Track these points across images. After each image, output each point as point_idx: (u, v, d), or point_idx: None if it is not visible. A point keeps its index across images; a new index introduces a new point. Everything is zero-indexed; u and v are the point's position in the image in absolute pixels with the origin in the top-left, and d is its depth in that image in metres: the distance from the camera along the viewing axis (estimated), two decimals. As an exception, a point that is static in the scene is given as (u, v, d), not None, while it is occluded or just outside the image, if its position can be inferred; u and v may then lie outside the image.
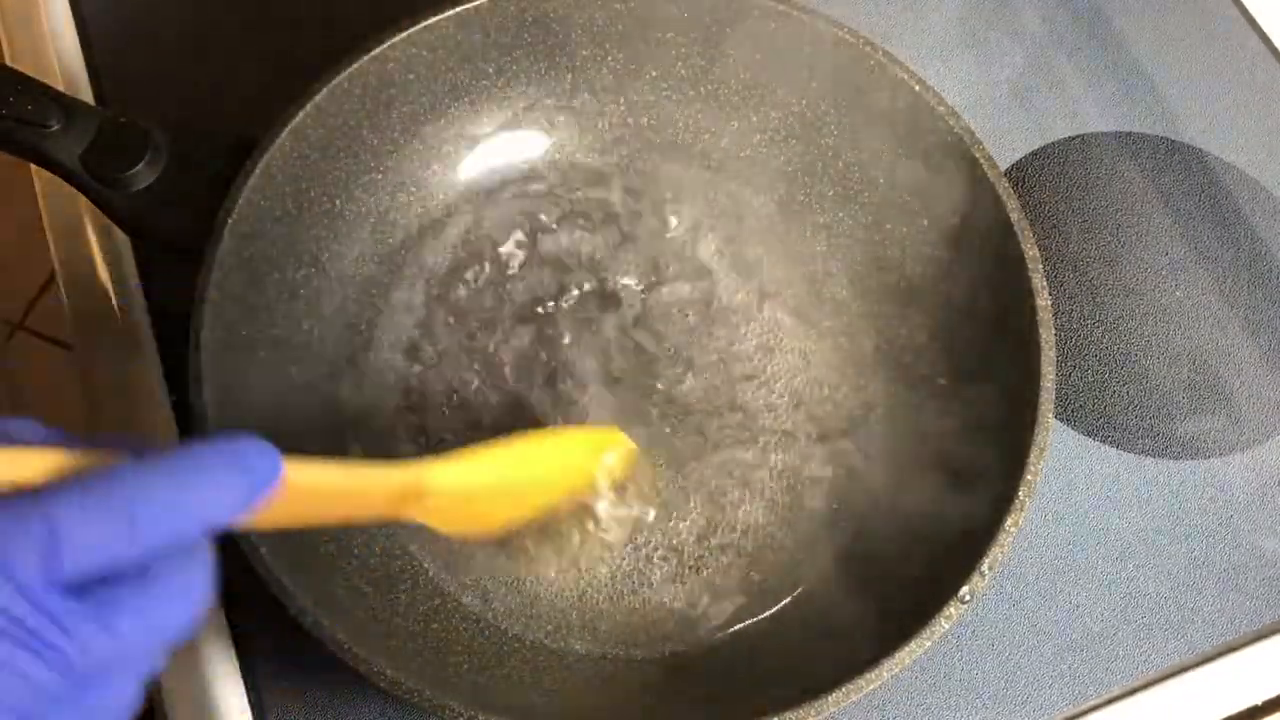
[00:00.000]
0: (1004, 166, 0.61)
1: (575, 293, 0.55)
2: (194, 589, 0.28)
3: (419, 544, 0.49)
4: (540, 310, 0.54)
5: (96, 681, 0.26)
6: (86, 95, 0.59)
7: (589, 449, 0.47)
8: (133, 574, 0.27)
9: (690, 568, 0.50)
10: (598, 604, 0.49)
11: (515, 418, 0.52)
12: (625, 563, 0.49)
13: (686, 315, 0.55)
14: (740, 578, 0.50)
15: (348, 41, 0.51)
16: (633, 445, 0.47)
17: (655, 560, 0.50)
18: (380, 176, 0.54)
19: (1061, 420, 0.56)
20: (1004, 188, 0.50)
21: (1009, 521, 0.43)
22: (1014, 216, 0.49)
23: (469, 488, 0.40)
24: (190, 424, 0.43)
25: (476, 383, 0.52)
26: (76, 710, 0.26)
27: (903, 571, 0.47)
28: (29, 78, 0.48)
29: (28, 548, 0.25)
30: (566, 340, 0.53)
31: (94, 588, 0.26)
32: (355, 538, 0.48)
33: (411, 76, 0.53)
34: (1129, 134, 0.64)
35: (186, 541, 0.27)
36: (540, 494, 0.45)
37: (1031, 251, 0.49)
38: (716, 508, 0.51)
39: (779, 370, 0.54)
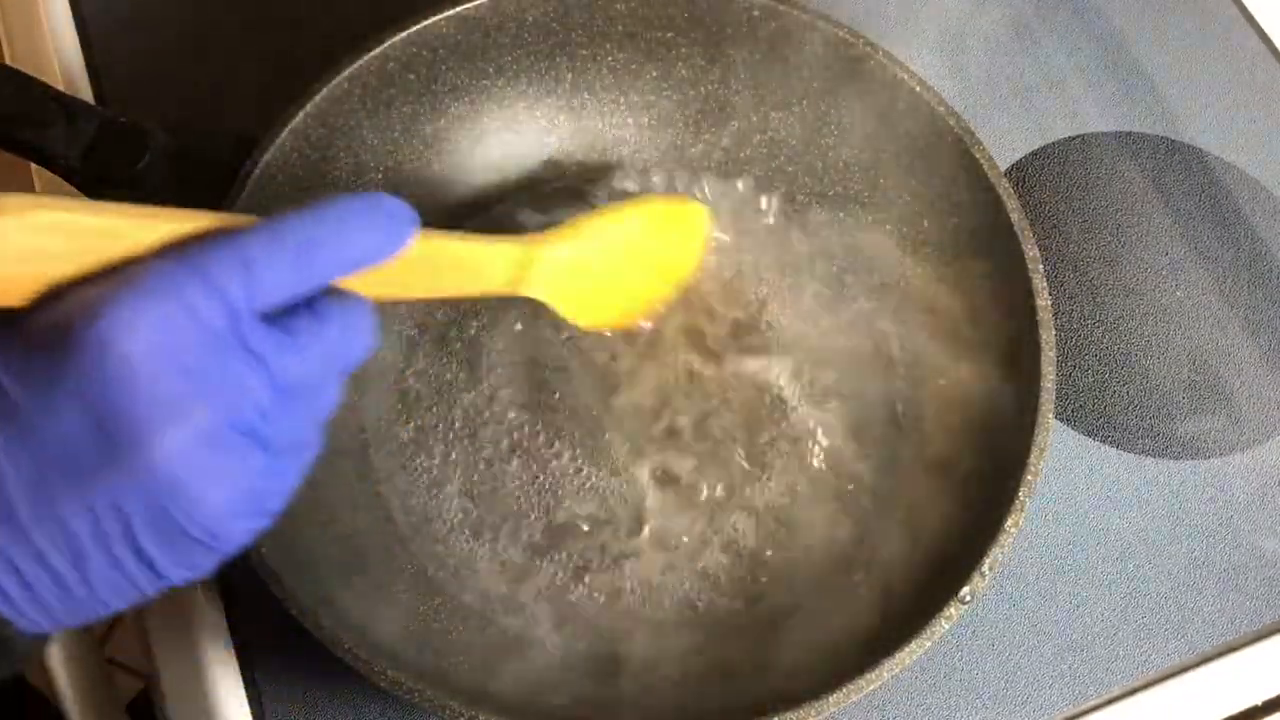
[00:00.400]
0: (1004, 166, 0.61)
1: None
2: (357, 321, 0.31)
3: (419, 543, 0.49)
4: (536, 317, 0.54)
5: (288, 403, 0.30)
6: (86, 95, 0.60)
7: (676, 219, 0.48)
8: (306, 308, 0.30)
9: (690, 566, 0.50)
10: (598, 604, 0.49)
11: (516, 417, 0.52)
12: (625, 562, 0.49)
13: (685, 314, 0.55)
14: (741, 577, 0.50)
15: (348, 41, 0.51)
16: (707, 216, 0.49)
17: (655, 559, 0.50)
18: (380, 176, 0.54)
19: (1061, 420, 0.56)
20: (1004, 188, 0.50)
21: (1009, 521, 0.43)
22: (1014, 216, 0.49)
23: (583, 260, 0.41)
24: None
25: (474, 393, 0.52)
26: (283, 415, 0.29)
27: (903, 571, 0.47)
28: (29, 78, 0.48)
29: (233, 279, 0.28)
30: (565, 335, 0.53)
31: (278, 319, 0.29)
32: (356, 537, 0.48)
33: (411, 76, 0.53)
34: (1129, 134, 0.64)
35: (345, 275, 0.31)
36: (656, 274, 0.47)
37: (1031, 251, 0.49)
38: (718, 507, 0.51)
39: (776, 367, 0.54)
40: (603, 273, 0.43)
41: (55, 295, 0.28)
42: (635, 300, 0.48)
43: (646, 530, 0.50)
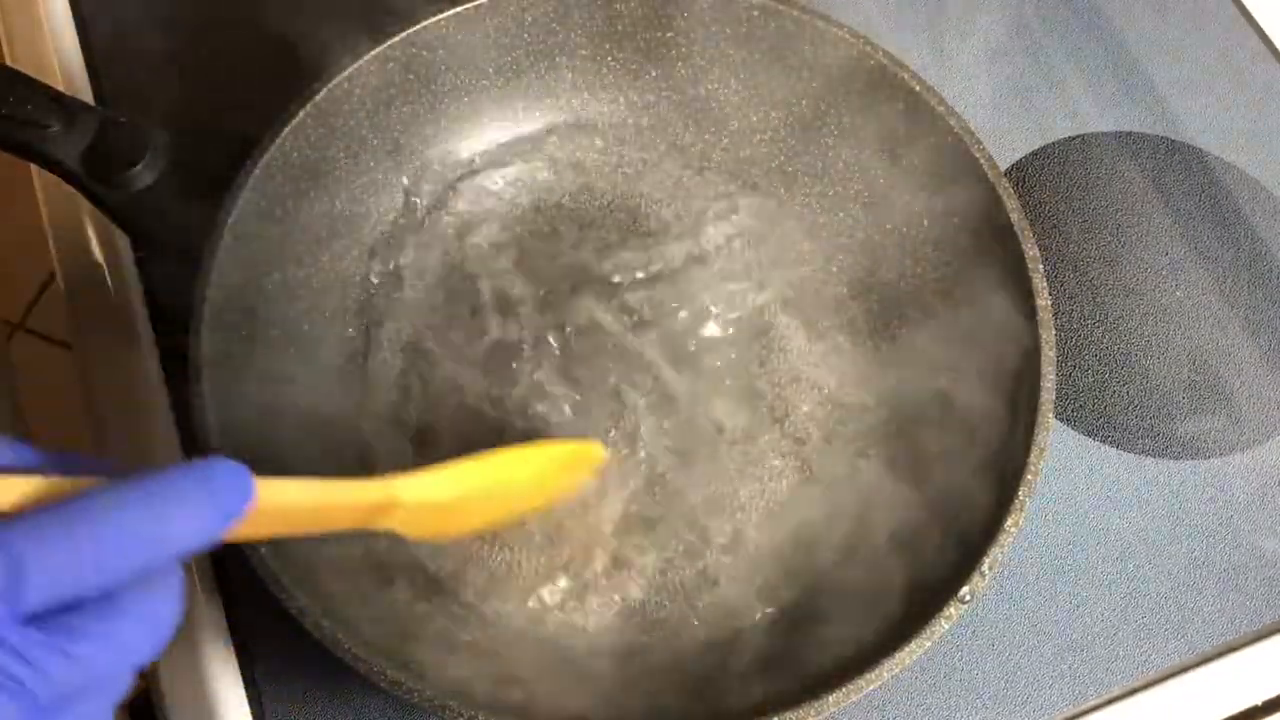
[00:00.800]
0: (1004, 166, 0.61)
1: (578, 290, 0.55)
2: (160, 613, 0.28)
3: (419, 544, 0.49)
4: (540, 310, 0.54)
5: (64, 710, 0.26)
6: (86, 95, 0.60)
7: (566, 462, 0.47)
8: (97, 600, 0.26)
9: (690, 566, 0.50)
10: (598, 604, 0.49)
11: (517, 415, 0.52)
12: (625, 562, 0.49)
13: (684, 313, 0.55)
14: (740, 576, 0.50)
15: (348, 42, 0.51)
16: (604, 454, 0.48)
17: (655, 558, 0.50)
18: (380, 176, 0.54)
19: (1061, 420, 0.56)
20: (1004, 188, 0.50)
21: (1009, 521, 0.43)
22: (1014, 216, 0.49)
23: (441, 500, 0.40)
24: (190, 423, 0.43)
25: (477, 382, 0.52)
26: None
27: (903, 571, 0.47)
28: (29, 78, 0.48)
29: None
30: (566, 335, 0.53)
31: (57, 615, 0.26)
32: (356, 537, 0.48)
33: (411, 76, 0.53)
34: (1129, 134, 0.64)
35: (155, 568, 0.27)
36: (515, 503, 0.45)
37: (1031, 251, 0.49)
38: (716, 508, 0.51)
39: (778, 369, 0.54)
40: (464, 507, 0.41)
41: None
42: (490, 520, 0.46)
43: (647, 530, 0.50)
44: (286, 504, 0.32)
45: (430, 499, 0.39)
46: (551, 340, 0.53)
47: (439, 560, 0.49)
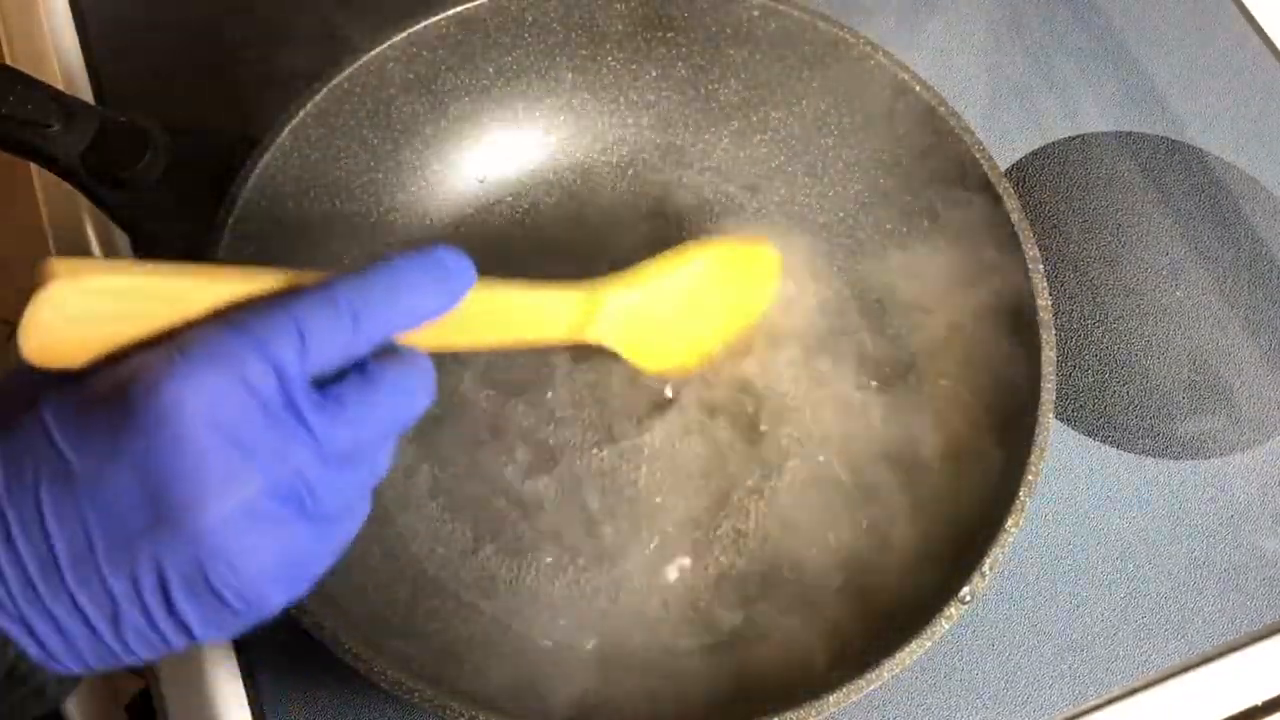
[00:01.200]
0: (1004, 166, 0.61)
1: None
2: (412, 383, 0.31)
3: (419, 544, 0.49)
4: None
5: (343, 463, 0.30)
6: (86, 95, 0.60)
7: (749, 264, 0.46)
8: (358, 373, 0.30)
9: (693, 565, 0.50)
10: (599, 603, 0.49)
11: (516, 413, 0.52)
12: (625, 563, 0.49)
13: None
14: (742, 576, 0.50)
15: (348, 42, 0.51)
16: (778, 258, 0.48)
17: (657, 557, 0.50)
18: (380, 176, 0.54)
19: (1061, 420, 0.56)
20: (1004, 188, 0.50)
21: (1009, 521, 0.43)
22: (1014, 216, 0.49)
23: (640, 301, 0.40)
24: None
25: (478, 384, 0.52)
26: (331, 485, 0.30)
27: (903, 572, 0.47)
28: (29, 78, 0.48)
29: (287, 347, 0.28)
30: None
31: (329, 385, 0.30)
32: (356, 538, 0.48)
33: (411, 76, 0.53)
34: (1129, 134, 0.64)
35: (395, 337, 0.31)
36: (715, 320, 0.45)
37: (1031, 251, 0.49)
38: (720, 506, 0.51)
39: (779, 369, 0.54)
40: (668, 317, 0.42)
41: (111, 359, 0.28)
42: (698, 342, 0.46)
43: (646, 531, 0.50)
44: (499, 298, 0.35)
45: (630, 300, 0.40)
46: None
47: (439, 561, 0.49)
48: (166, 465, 0.27)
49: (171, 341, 0.28)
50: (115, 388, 0.27)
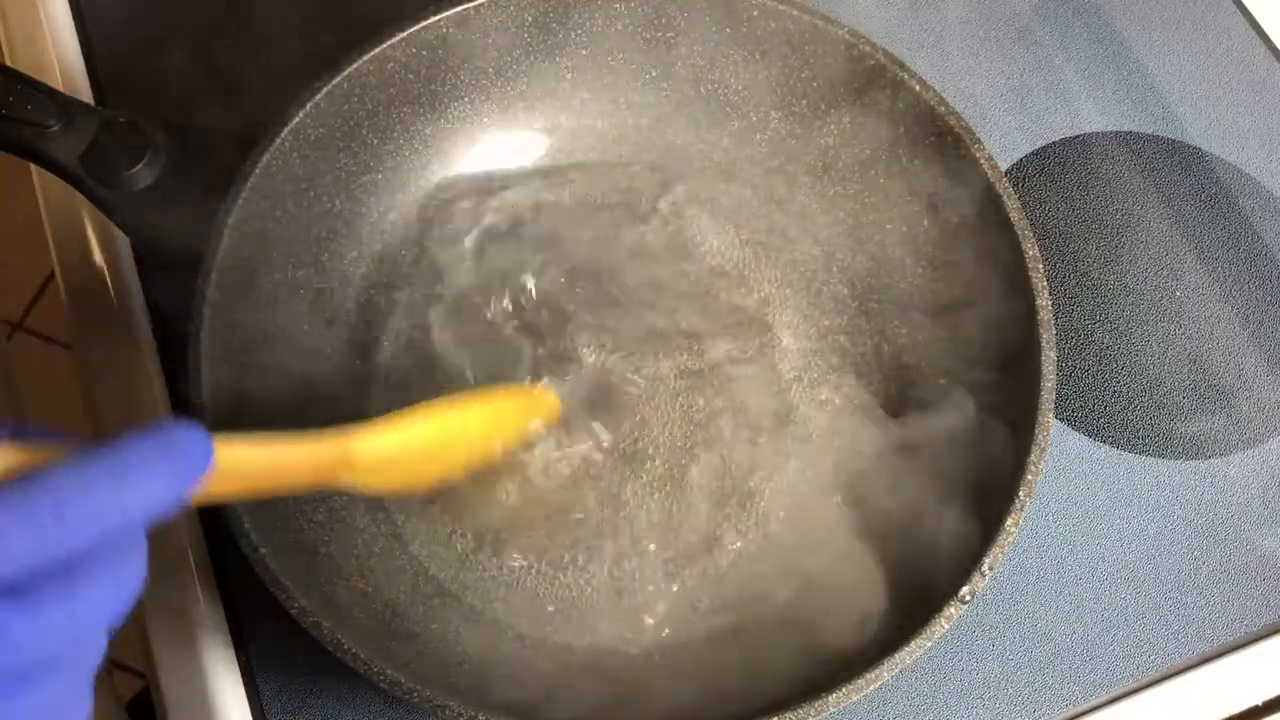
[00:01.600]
0: (1004, 166, 0.61)
1: (576, 291, 0.55)
2: (125, 578, 0.28)
3: (419, 544, 0.49)
4: (539, 309, 0.54)
5: (40, 678, 0.26)
6: (86, 95, 0.60)
7: (516, 407, 0.47)
8: (63, 568, 0.26)
9: (690, 565, 0.50)
10: (598, 602, 0.49)
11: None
12: (626, 561, 0.49)
13: (681, 311, 0.55)
14: (740, 576, 0.50)
15: (348, 41, 0.51)
16: (556, 401, 0.47)
17: (655, 557, 0.50)
18: (380, 176, 0.54)
19: (1062, 420, 0.56)
20: (1004, 188, 0.50)
21: (1009, 521, 0.43)
22: (1014, 216, 0.49)
23: (396, 451, 0.40)
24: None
25: (479, 379, 0.52)
26: (18, 707, 0.26)
27: (903, 571, 0.47)
28: (29, 78, 0.48)
29: None
30: (566, 333, 0.53)
31: (20, 584, 0.26)
32: (355, 537, 0.48)
33: (411, 76, 0.53)
34: (1129, 134, 0.64)
35: (118, 535, 0.27)
36: (469, 453, 0.45)
37: (1031, 251, 0.49)
38: (718, 506, 0.51)
39: (778, 369, 0.54)
40: (421, 457, 0.41)
41: None
42: (448, 470, 0.45)
43: (647, 530, 0.50)
44: (245, 464, 0.33)
45: (385, 450, 0.39)
46: (547, 339, 0.53)
47: (440, 562, 0.49)
48: None
49: None
50: None
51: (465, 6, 0.52)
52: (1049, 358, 0.47)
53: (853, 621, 0.46)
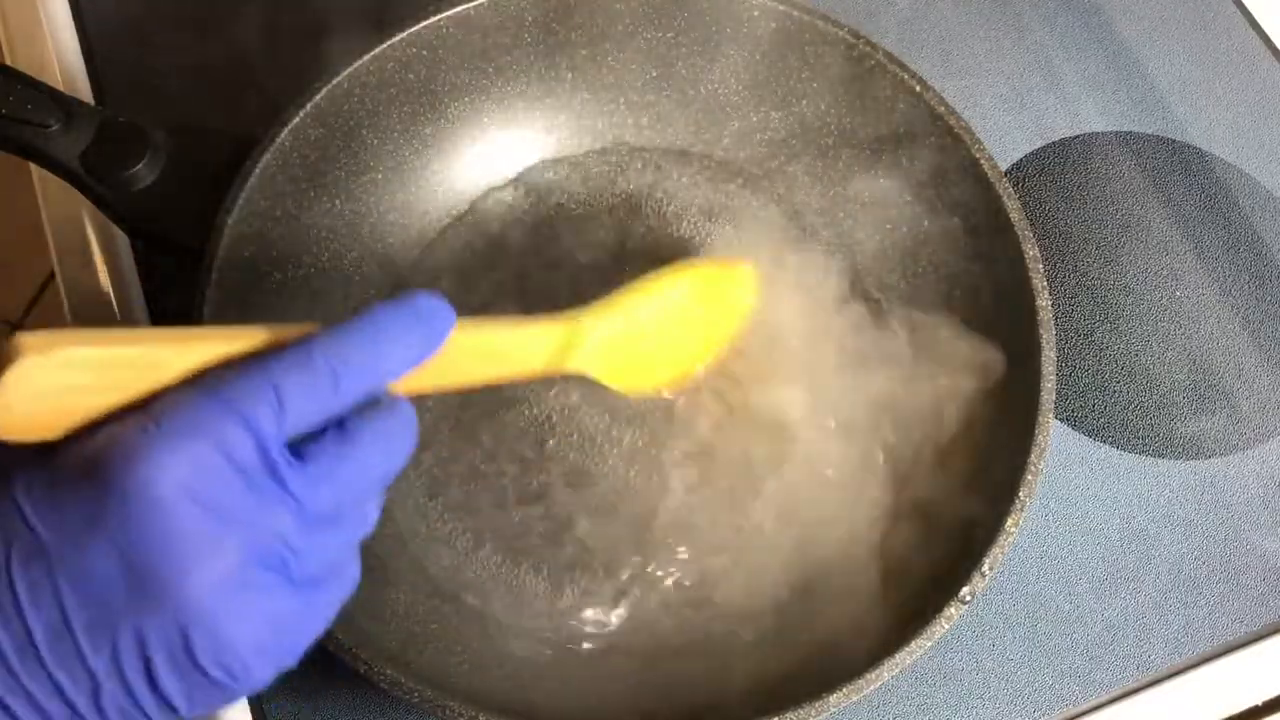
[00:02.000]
0: (1004, 166, 0.61)
1: (577, 292, 0.55)
2: (393, 432, 0.31)
3: (419, 544, 0.49)
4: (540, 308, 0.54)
5: (326, 524, 0.29)
6: (86, 95, 0.60)
7: (725, 285, 0.46)
8: (336, 432, 0.30)
9: (692, 567, 0.50)
10: (599, 604, 0.49)
11: (516, 411, 0.52)
12: (627, 562, 0.49)
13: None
14: (742, 577, 0.50)
15: (348, 42, 0.51)
16: (755, 277, 0.47)
17: (656, 559, 0.50)
18: (380, 176, 0.54)
19: (1062, 420, 0.56)
20: (1004, 188, 0.50)
21: (1009, 521, 0.43)
22: (1014, 216, 0.49)
23: (623, 331, 0.40)
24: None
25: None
26: (316, 548, 0.29)
27: (903, 572, 0.47)
28: (29, 78, 0.48)
29: (264, 412, 0.28)
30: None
31: (306, 444, 0.29)
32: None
33: (411, 76, 0.53)
34: (1129, 134, 0.64)
35: (380, 390, 0.31)
36: (695, 342, 0.45)
37: (1031, 251, 0.49)
38: (721, 505, 0.51)
39: (779, 370, 0.54)
40: (646, 342, 0.42)
41: (86, 430, 0.28)
42: (679, 363, 0.46)
43: (648, 532, 0.50)
44: (480, 340, 0.34)
45: (611, 329, 0.39)
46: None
47: (439, 562, 0.49)
48: (144, 539, 0.26)
49: (146, 411, 0.27)
50: (89, 461, 0.27)
51: (465, 6, 0.52)
52: (1049, 358, 0.47)
53: (852, 622, 0.46)
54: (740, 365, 0.54)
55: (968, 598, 0.42)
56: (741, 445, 0.52)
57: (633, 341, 0.41)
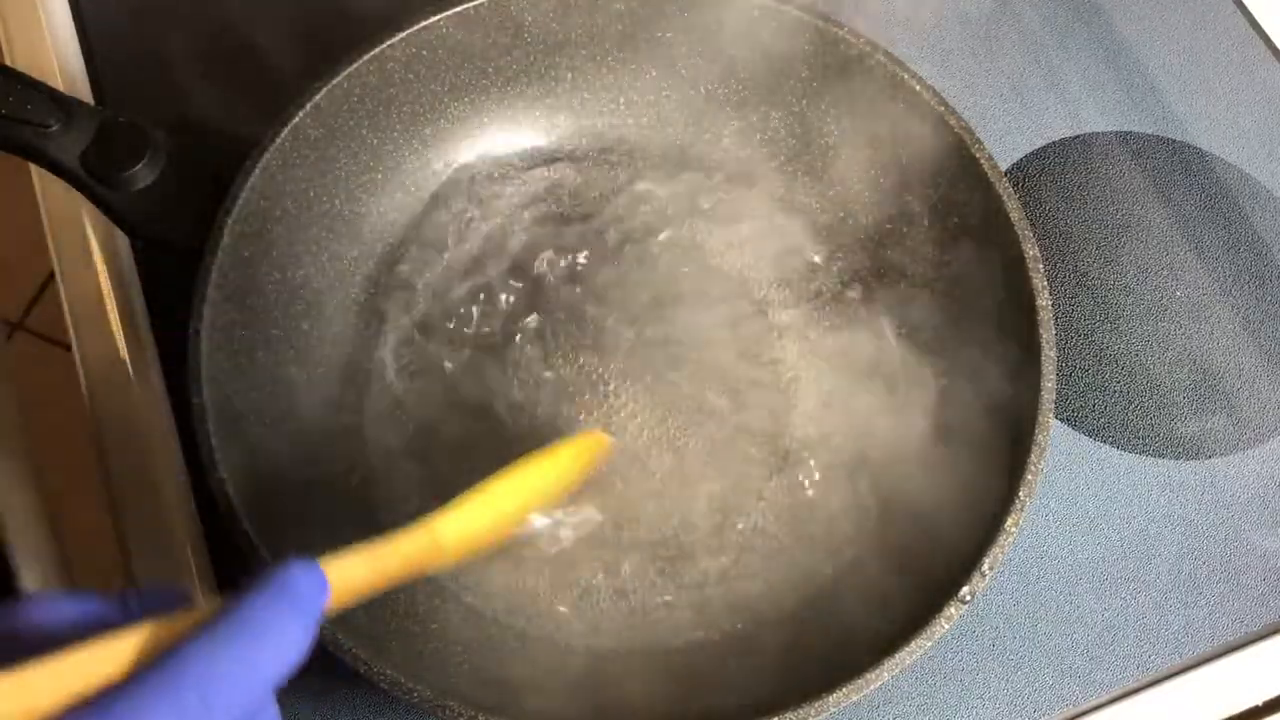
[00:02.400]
0: (1004, 166, 0.61)
1: (577, 290, 0.55)
2: None
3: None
4: (539, 308, 0.54)
5: None
6: (86, 95, 0.60)
7: (579, 458, 0.47)
8: None
9: (692, 567, 0.50)
10: (599, 604, 0.49)
11: (515, 412, 0.52)
12: (627, 563, 0.49)
13: (680, 309, 0.55)
14: (742, 578, 0.50)
15: (348, 41, 0.51)
16: (609, 443, 0.47)
17: (657, 559, 0.50)
18: (380, 176, 0.54)
19: (1062, 420, 0.56)
20: (1004, 188, 0.50)
21: (1009, 521, 0.43)
22: (1014, 216, 0.49)
23: (480, 525, 0.40)
24: (190, 424, 0.43)
25: (473, 381, 0.52)
26: None
27: (903, 572, 0.47)
28: (29, 78, 0.48)
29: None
30: (565, 335, 0.53)
31: None
32: (354, 538, 0.48)
33: (411, 76, 0.53)
34: (1129, 134, 0.64)
35: (261, 700, 0.28)
36: (537, 503, 0.45)
37: (1031, 251, 0.49)
38: (720, 510, 0.51)
39: (780, 370, 0.54)
40: (501, 521, 0.43)
41: None
42: (522, 518, 0.45)
43: (648, 533, 0.50)
44: (350, 579, 0.33)
45: (470, 527, 0.39)
46: (547, 337, 0.53)
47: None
48: None
49: None
50: None
51: (465, 6, 0.52)
52: (1049, 358, 0.47)
53: (852, 622, 0.46)
54: (741, 364, 0.54)
55: (968, 598, 0.42)
56: (742, 446, 0.52)
57: (489, 528, 0.41)
